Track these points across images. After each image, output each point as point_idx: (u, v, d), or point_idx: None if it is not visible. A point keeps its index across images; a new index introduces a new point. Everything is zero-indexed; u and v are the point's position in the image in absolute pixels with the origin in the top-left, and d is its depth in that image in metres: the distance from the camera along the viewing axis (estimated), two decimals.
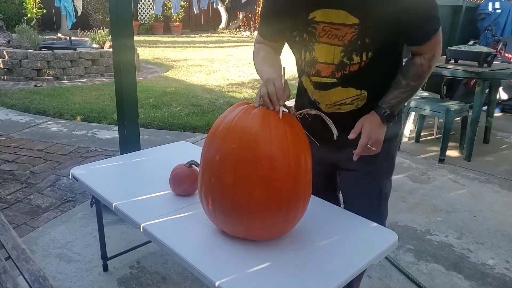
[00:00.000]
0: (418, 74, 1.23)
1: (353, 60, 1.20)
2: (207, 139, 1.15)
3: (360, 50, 1.18)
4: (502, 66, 3.67)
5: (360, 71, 1.23)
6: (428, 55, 1.20)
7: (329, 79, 1.26)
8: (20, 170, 3.05)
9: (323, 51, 1.22)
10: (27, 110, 4.68)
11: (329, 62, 1.23)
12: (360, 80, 1.26)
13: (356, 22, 1.14)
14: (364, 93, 1.29)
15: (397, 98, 1.25)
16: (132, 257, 2.05)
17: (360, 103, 1.30)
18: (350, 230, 1.28)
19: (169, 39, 13.61)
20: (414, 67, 1.23)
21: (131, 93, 2.34)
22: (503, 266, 2.13)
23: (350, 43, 1.17)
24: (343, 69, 1.23)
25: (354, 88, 1.27)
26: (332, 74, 1.25)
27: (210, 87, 6.41)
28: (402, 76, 1.25)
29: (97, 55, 6.66)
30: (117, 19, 2.20)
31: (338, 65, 1.23)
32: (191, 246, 1.17)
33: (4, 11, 11.49)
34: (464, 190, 3.02)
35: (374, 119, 1.26)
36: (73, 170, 1.68)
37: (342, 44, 1.18)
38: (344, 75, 1.24)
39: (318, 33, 1.21)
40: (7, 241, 1.45)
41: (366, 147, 1.26)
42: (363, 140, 1.26)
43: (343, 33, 1.17)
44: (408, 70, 1.24)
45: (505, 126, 4.78)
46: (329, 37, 1.19)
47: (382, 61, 1.24)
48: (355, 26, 1.15)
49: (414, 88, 1.25)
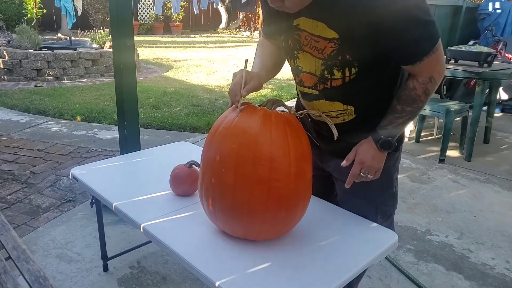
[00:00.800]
0: (412, 99, 1.10)
1: (334, 75, 1.12)
2: (207, 139, 1.15)
3: (341, 66, 1.09)
4: (502, 66, 3.68)
5: (345, 87, 1.14)
6: (422, 78, 1.07)
7: (311, 90, 1.21)
8: (20, 170, 3.05)
9: (307, 61, 1.17)
10: (27, 110, 4.68)
11: (312, 72, 1.17)
12: (346, 95, 1.17)
13: (335, 36, 1.06)
14: (351, 109, 1.20)
15: (393, 124, 1.15)
16: (132, 257, 2.05)
17: (347, 117, 1.23)
18: (350, 230, 1.28)
19: (169, 39, 13.62)
20: (407, 91, 1.11)
21: (131, 93, 2.34)
22: (503, 266, 2.13)
23: (330, 57, 1.10)
24: (325, 82, 1.15)
25: (339, 102, 1.19)
26: (314, 85, 1.19)
27: (210, 87, 6.41)
28: (397, 100, 1.14)
29: (97, 55, 6.66)
30: (117, 19, 2.20)
31: (320, 77, 1.16)
32: (191, 246, 1.17)
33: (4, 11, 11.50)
34: (464, 190, 3.02)
35: (369, 147, 1.18)
36: (73, 170, 1.68)
37: (322, 57, 1.11)
38: (325, 88, 1.17)
39: (302, 41, 1.15)
40: (7, 241, 1.45)
41: (359, 176, 1.21)
42: (354, 168, 1.20)
43: (322, 46, 1.10)
44: (402, 94, 1.13)
45: (505, 126, 4.78)
46: (310, 48, 1.14)
47: (371, 79, 1.14)
48: (334, 40, 1.06)
49: (411, 112, 1.13)
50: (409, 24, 0.98)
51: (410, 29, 0.99)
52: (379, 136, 1.16)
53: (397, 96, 1.15)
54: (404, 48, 1.03)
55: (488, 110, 4.07)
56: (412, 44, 1.02)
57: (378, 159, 1.19)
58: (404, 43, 1.02)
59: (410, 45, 1.02)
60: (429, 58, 1.03)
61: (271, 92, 6.08)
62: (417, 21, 0.98)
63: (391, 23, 0.98)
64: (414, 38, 1.01)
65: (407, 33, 0.99)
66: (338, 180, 1.40)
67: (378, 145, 1.17)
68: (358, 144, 1.22)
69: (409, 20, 0.98)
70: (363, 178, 1.22)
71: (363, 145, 1.20)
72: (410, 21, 0.98)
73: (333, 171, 1.39)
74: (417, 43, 1.02)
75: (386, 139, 1.16)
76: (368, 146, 1.19)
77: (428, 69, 1.06)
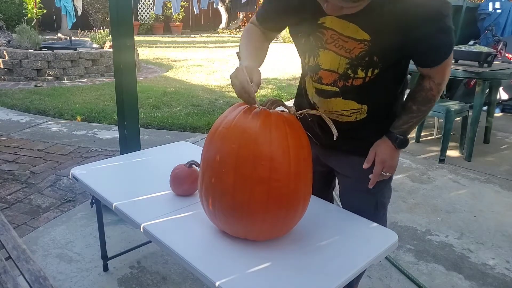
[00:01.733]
0: (428, 99, 1.20)
1: (357, 74, 1.16)
2: (207, 139, 1.15)
3: (366, 66, 1.14)
4: (502, 66, 3.68)
5: (363, 86, 1.18)
6: (438, 79, 1.17)
7: (330, 87, 1.22)
8: (20, 170, 3.05)
9: (328, 58, 1.17)
10: (28, 110, 4.68)
11: (333, 69, 1.18)
12: (362, 94, 1.22)
13: (367, 38, 1.09)
14: (365, 108, 1.25)
15: (408, 123, 1.24)
16: (132, 257, 2.05)
17: (359, 116, 1.27)
18: (350, 230, 1.28)
19: (169, 39, 13.62)
20: (423, 92, 1.19)
21: (131, 93, 2.34)
22: (503, 266, 2.13)
23: (357, 57, 1.12)
24: (346, 80, 1.18)
25: (355, 101, 1.23)
26: (334, 82, 1.21)
27: (211, 87, 6.41)
28: (412, 101, 1.22)
29: (97, 55, 6.66)
30: (117, 19, 2.20)
31: (342, 74, 1.18)
32: (191, 246, 1.17)
33: (5, 11, 11.50)
34: (465, 190, 3.02)
35: (387, 146, 1.26)
36: (73, 170, 1.68)
37: (349, 56, 1.13)
38: (345, 86, 1.20)
39: (325, 39, 1.15)
40: (7, 241, 1.45)
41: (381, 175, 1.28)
42: (377, 168, 1.27)
43: (351, 46, 1.12)
44: (417, 95, 1.21)
45: (505, 126, 4.78)
46: (336, 46, 1.14)
47: (388, 78, 1.20)
48: (365, 42, 1.09)
49: (425, 112, 1.23)
50: (438, 31, 1.07)
51: (437, 35, 1.08)
52: (395, 136, 1.25)
53: (412, 97, 1.23)
54: (429, 52, 1.12)
55: (488, 110, 4.07)
56: (436, 49, 1.11)
57: (396, 157, 1.28)
58: (430, 48, 1.10)
59: (435, 50, 1.11)
60: (446, 61, 1.13)
61: (271, 92, 6.08)
62: (444, 28, 1.08)
63: (421, 29, 1.05)
64: (439, 44, 1.10)
65: (434, 39, 1.08)
66: (340, 175, 1.45)
67: (396, 145, 1.25)
68: (375, 145, 1.29)
69: (438, 28, 1.07)
70: (383, 176, 1.29)
71: (381, 145, 1.27)
72: (438, 28, 1.07)
73: (335, 166, 1.43)
74: (440, 48, 1.11)
75: (403, 138, 1.25)
76: (386, 146, 1.26)
77: (443, 71, 1.15)
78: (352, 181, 1.41)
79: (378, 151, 1.27)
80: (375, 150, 1.28)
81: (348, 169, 1.39)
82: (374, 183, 1.30)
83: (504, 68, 3.58)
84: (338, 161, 1.39)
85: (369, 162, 1.28)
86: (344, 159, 1.36)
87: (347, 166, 1.38)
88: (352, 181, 1.41)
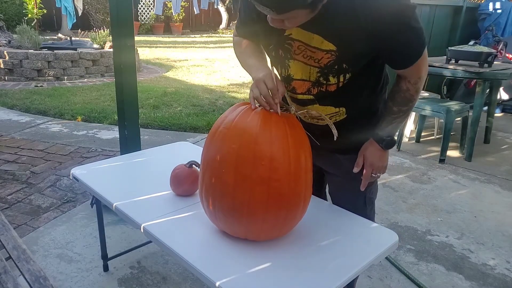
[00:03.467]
0: (407, 99, 1.20)
1: (329, 81, 1.16)
2: (207, 139, 1.15)
3: (337, 73, 1.14)
4: (502, 66, 3.67)
5: (338, 90, 1.19)
6: (413, 79, 1.16)
7: (305, 95, 1.22)
8: (20, 170, 3.05)
9: (298, 68, 1.18)
10: (28, 110, 4.68)
11: (304, 79, 1.19)
12: (338, 98, 1.22)
13: (332, 48, 1.09)
14: (343, 110, 1.26)
15: (392, 124, 1.25)
16: (132, 257, 2.05)
17: (338, 118, 1.28)
18: (350, 230, 1.28)
19: (169, 39, 13.62)
20: (401, 93, 1.19)
21: (132, 93, 2.34)
22: (503, 266, 2.13)
23: (326, 66, 1.13)
24: (320, 86, 1.19)
25: (332, 106, 1.24)
26: (308, 90, 1.21)
27: (211, 87, 6.42)
28: (391, 102, 1.22)
29: (98, 55, 6.66)
30: (118, 19, 2.20)
31: (314, 82, 1.18)
32: (192, 246, 1.17)
33: (5, 11, 11.50)
34: (465, 191, 3.02)
35: (375, 149, 1.28)
36: (74, 170, 1.69)
37: (318, 66, 1.14)
38: (321, 92, 1.20)
39: (293, 50, 1.15)
40: (7, 241, 1.45)
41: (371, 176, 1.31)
42: (367, 171, 1.30)
43: (318, 56, 1.12)
44: (396, 96, 1.21)
45: (505, 126, 4.77)
46: (304, 57, 1.14)
47: (362, 80, 1.20)
48: (331, 52, 1.09)
49: (407, 111, 1.23)
50: (405, 32, 1.06)
51: (405, 37, 1.07)
52: (381, 137, 1.26)
53: (391, 99, 1.23)
54: (399, 55, 1.12)
55: (489, 110, 4.06)
56: (407, 51, 1.11)
57: (385, 158, 1.30)
58: (400, 50, 1.10)
59: (405, 52, 1.11)
60: (419, 61, 1.12)
61: None
62: (411, 29, 1.06)
63: (387, 33, 1.04)
64: (408, 45, 1.09)
65: (403, 42, 1.08)
66: (328, 173, 1.47)
67: (383, 146, 1.27)
68: (363, 148, 1.31)
69: (404, 29, 1.05)
70: (374, 178, 1.33)
71: (369, 148, 1.29)
72: (405, 30, 1.05)
73: (322, 165, 1.44)
74: (410, 49, 1.11)
75: (389, 140, 1.27)
76: (373, 149, 1.28)
77: (418, 70, 1.15)
78: (339, 179, 1.44)
79: (366, 154, 1.29)
80: (363, 154, 1.30)
81: (333, 168, 1.42)
82: (365, 185, 1.33)
83: (505, 68, 3.57)
84: (324, 160, 1.41)
85: (358, 166, 1.31)
86: (329, 158, 1.39)
87: (333, 164, 1.41)
88: (339, 179, 1.43)
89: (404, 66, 1.14)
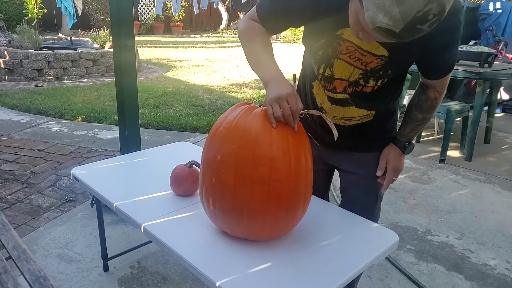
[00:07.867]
0: (432, 107, 1.28)
1: (368, 83, 1.20)
2: (207, 139, 1.15)
3: (378, 78, 1.18)
4: (503, 67, 3.67)
5: (372, 93, 1.23)
6: (441, 89, 1.25)
7: (342, 94, 1.24)
8: (20, 170, 3.05)
9: (340, 68, 1.19)
10: (28, 110, 4.69)
11: (344, 78, 1.20)
12: (371, 101, 1.26)
13: (385, 54, 1.11)
14: (372, 113, 1.30)
15: (415, 131, 1.34)
16: (132, 257, 2.05)
17: (366, 119, 1.31)
18: (350, 230, 1.28)
19: (169, 39, 13.62)
20: (429, 102, 1.27)
21: (132, 93, 2.34)
22: (503, 266, 2.12)
23: (372, 70, 1.16)
24: (356, 86, 1.21)
25: (365, 109, 1.28)
26: (344, 89, 1.23)
27: (211, 87, 6.42)
28: (417, 110, 1.30)
29: (98, 55, 6.67)
30: (118, 19, 2.20)
31: (352, 82, 1.20)
32: (192, 246, 1.17)
33: (5, 11, 11.50)
34: (465, 191, 3.02)
35: (396, 153, 1.34)
36: (74, 170, 1.69)
37: (364, 68, 1.16)
38: (355, 91, 1.22)
39: (340, 50, 1.15)
40: (7, 241, 1.45)
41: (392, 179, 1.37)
42: (390, 175, 1.35)
43: (368, 60, 1.13)
44: (423, 105, 1.29)
45: (506, 126, 4.77)
46: (350, 58, 1.15)
47: (393, 84, 1.25)
48: (383, 57, 1.12)
49: (429, 118, 1.32)
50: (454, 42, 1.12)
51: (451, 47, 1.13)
52: (403, 143, 1.34)
53: (417, 106, 1.30)
54: (440, 66, 1.18)
55: (489, 110, 4.06)
56: (447, 62, 1.17)
57: (403, 162, 1.38)
58: (442, 61, 1.16)
59: (445, 63, 1.17)
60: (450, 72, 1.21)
61: None
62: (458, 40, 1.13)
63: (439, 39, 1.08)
64: (451, 56, 1.15)
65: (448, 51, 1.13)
66: (343, 171, 1.49)
67: (405, 151, 1.35)
68: (385, 153, 1.37)
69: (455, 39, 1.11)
70: (393, 180, 1.39)
71: (391, 153, 1.35)
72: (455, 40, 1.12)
73: (339, 164, 1.48)
74: (449, 61, 1.17)
75: (410, 145, 1.36)
76: (396, 154, 1.35)
77: (446, 81, 1.24)
78: (355, 177, 1.45)
79: (389, 158, 1.35)
80: (386, 158, 1.36)
81: (351, 166, 1.43)
82: (387, 188, 1.39)
83: (505, 68, 3.58)
84: (341, 158, 1.43)
85: (381, 170, 1.36)
86: (348, 156, 1.41)
87: (351, 162, 1.42)
88: (356, 177, 1.44)
89: (441, 76, 1.21)
